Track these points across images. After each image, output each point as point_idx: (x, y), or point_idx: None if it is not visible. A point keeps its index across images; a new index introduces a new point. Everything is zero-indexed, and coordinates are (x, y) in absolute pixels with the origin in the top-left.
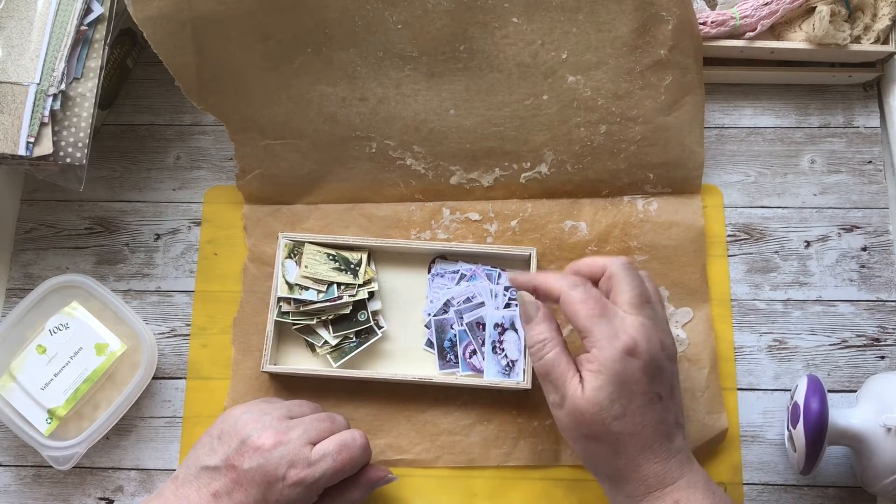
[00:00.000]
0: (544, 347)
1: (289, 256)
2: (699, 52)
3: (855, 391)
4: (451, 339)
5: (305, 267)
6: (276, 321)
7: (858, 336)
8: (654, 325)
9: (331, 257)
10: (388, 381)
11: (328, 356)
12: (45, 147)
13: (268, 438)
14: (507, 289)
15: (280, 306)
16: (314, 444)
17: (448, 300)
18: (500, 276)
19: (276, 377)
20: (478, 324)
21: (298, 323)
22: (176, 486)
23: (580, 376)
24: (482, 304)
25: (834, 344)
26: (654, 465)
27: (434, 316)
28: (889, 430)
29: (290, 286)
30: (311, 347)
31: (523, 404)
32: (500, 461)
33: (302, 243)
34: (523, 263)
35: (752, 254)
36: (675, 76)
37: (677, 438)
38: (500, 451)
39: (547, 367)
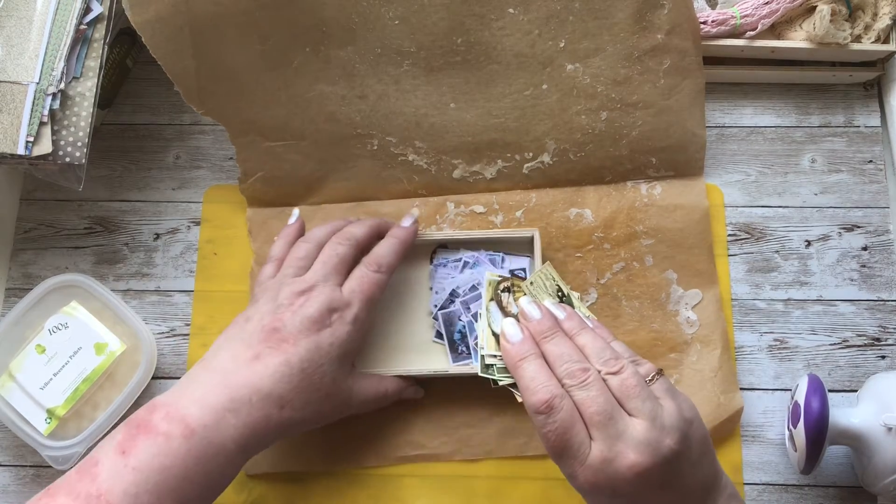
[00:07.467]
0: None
1: None
2: (697, 35)
3: (855, 391)
4: (460, 331)
5: None
6: None
7: (859, 336)
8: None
9: None
10: (402, 376)
11: None
12: (45, 146)
13: (294, 298)
14: (512, 272)
15: None
16: (341, 285)
17: (454, 290)
18: (503, 260)
19: None
20: None
21: None
22: (205, 362)
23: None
24: None
25: (834, 343)
26: None
27: (440, 309)
28: (889, 429)
29: None
30: None
31: None
32: (518, 452)
33: None
34: (526, 246)
35: (752, 253)
36: (673, 60)
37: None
38: (517, 442)
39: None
